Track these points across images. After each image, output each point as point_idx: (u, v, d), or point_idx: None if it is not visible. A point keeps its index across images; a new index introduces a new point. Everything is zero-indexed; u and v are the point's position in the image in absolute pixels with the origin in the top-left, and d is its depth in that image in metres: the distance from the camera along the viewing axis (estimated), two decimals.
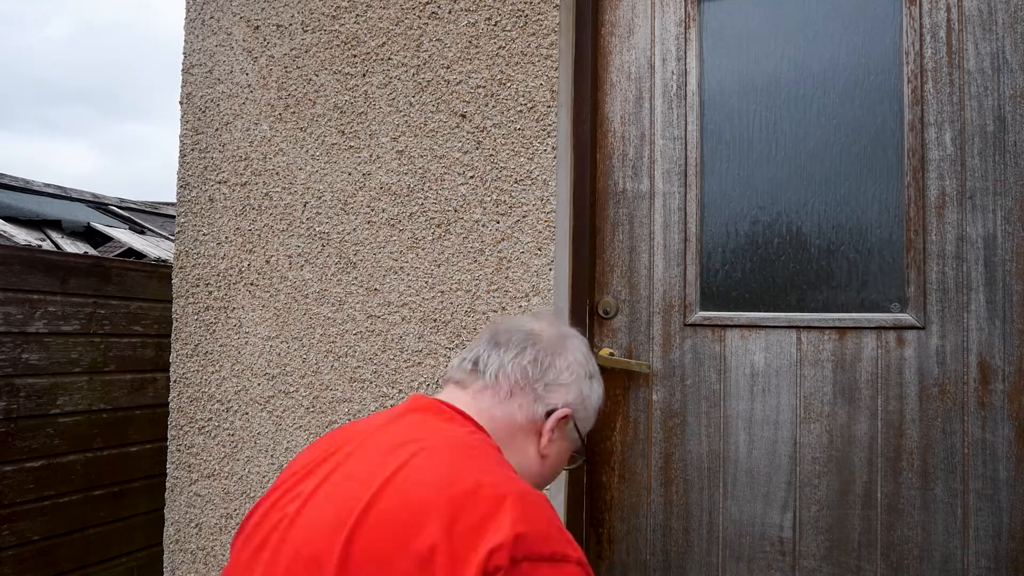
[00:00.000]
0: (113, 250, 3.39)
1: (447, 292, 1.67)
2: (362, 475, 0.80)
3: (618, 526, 1.69)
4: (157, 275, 2.54)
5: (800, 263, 1.60)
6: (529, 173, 1.63)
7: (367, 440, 0.88)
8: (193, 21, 1.95)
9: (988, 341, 1.47)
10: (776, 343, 1.60)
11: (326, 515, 0.78)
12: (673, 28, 1.71)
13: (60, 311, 2.23)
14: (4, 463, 2.09)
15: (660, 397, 1.67)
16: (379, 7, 1.77)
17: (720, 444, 1.63)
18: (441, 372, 1.67)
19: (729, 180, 1.66)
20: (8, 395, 2.09)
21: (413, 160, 1.72)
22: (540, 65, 1.63)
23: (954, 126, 1.50)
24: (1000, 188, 1.47)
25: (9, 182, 3.65)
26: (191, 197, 1.92)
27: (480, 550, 0.70)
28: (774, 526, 1.58)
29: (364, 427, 0.93)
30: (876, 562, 1.52)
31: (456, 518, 0.73)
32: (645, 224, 1.70)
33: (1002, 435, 1.45)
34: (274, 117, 1.85)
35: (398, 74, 1.75)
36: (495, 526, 0.72)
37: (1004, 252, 1.46)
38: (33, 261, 2.17)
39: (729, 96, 1.67)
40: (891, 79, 1.56)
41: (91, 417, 2.33)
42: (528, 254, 1.62)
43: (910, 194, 1.53)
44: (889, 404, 1.52)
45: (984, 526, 1.45)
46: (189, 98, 1.94)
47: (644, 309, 1.69)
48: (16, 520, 2.11)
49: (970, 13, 1.50)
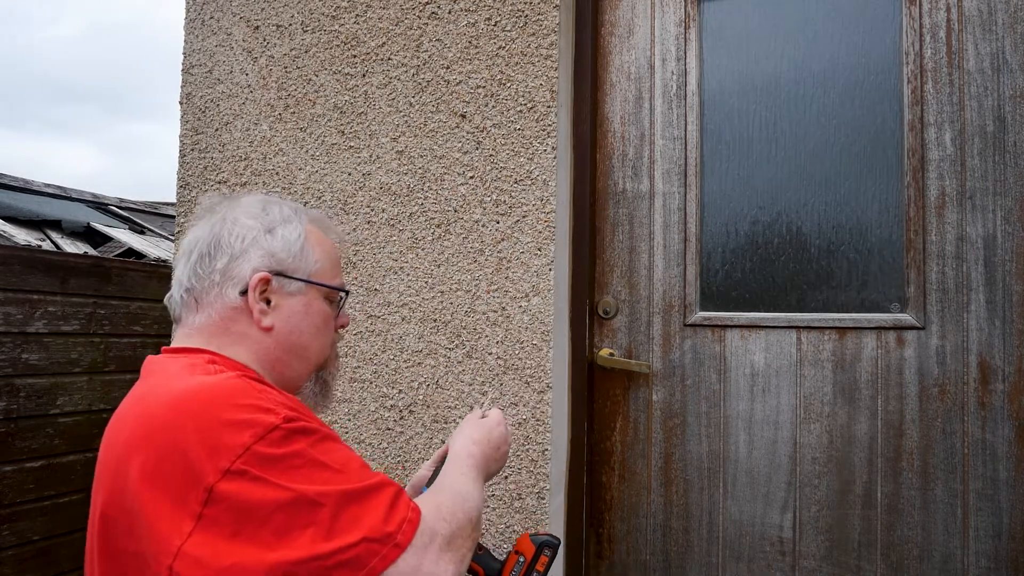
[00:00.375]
0: (113, 250, 3.39)
1: (447, 292, 1.67)
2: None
3: (618, 526, 1.69)
4: (157, 275, 2.54)
5: (800, 263, 1.60)
6: (529, 173, 1.63)
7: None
8: (193, 21, 1.95)
9: (988, 341, 1.46)
10: (776, 343, 1.60)
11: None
12: (673, 28, 1.71)
13: (60, 311, 2.23)
14: (4, 463, 2.08)
15: (660, 397, 1.67)
16: (379, 7, 1.77)
17: (720, 444, 1.63)
18: (441, 372, 1.67)
19: (729, 180, 1.66)
20: (8, 395, 2.09)
21: (413, 160, 1.72)
22: (540, 65, 1.63)
23: (954, 126, 1.50)
24: (1000, 188, 1.47)
25: (9, 182, 3.65)
26: (191, 197, 1.91)
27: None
28: (774, 526, 1.58)
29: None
30: (876, 562, 1.52)
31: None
32: (645, 224, 1.70)
33: (1002, 435, 1.45)
34: (274, 117, 1.85)
35: (398, 74, 1.75)
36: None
37: (1004, 252, 1.46)
38: (33, 261, 2.17)
39: (729, 96, 1.67)
40: (891, 79, 1.56)
41: (91, 417, 2.33)
42: (528, 254, 1.62)
43: (910, 194, 1.53)
44: (889, 404, 1.52)
45: (984, 526, 1.45)
46: (189, 98, 1.94)
47: (644, 309, 1.69)
48: (16, 520, 2.11)
49: (970, 13, 1.50)
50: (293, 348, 0.97)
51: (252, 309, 0.94)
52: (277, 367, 0.97)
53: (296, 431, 0.79)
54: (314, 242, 1.01)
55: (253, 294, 0.94)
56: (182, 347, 0.95)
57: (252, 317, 0.94)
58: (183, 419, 0.78)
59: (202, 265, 0.96)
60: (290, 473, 0.76)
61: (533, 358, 1.60)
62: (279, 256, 0.97)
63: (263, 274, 0.94)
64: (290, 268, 0.97)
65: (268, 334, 0.95)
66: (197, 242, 0.97)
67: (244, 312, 0.94)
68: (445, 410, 1.66)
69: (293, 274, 0.97)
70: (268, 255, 0.96)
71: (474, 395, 1.64)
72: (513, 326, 1.62)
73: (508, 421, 1.61)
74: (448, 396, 1.66)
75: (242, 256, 0.95)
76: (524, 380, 1.60)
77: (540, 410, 1.59)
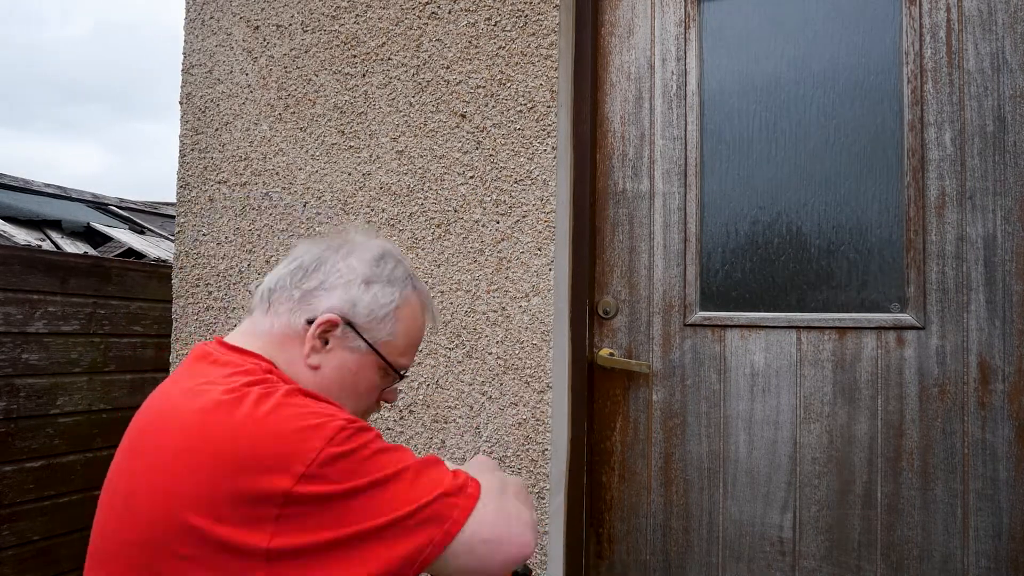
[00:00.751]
0: (113, 250, 3.39)
1: (447, 292, 1.67)
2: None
3: (618, 526, 1.69)
4: (157, 275, 2.54)
5: (800, 263, 1.60)
6: (529, 173, 1.63)
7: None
8: (193, 21, 1.95)
9: (988, 341, 1.46)
10: (776, 343, 1.60)
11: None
12: (673, 28, 1.71)
13: (60, 311, 2.23)
14: (4, 463, 2.09)
15: (660, 397, 1.67)
16: (379, 7, 1.77)
17: (720, 444, 1.63)
18: (441, 372, 1.67)
19: (729, 180, 1.66)
20: (8, 395, 2.09)
21: (413, 160, 1.72)
22: (540, 65, 1.63)
23: (954, 126, 1.50)
24: (1000, 188, 1.47)
25: (9, 182, 3.65)
26: (191, 197, 1.92)
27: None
28: (774, 526, 1.58)
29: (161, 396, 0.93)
30: (876, 562, 1.52)
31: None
32: (645, 224, 1.70)
33: (1002, 435, 1.45)
34: (274, 117, 1.85)
35: (398, 74, 1.75)
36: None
37: (1004, 252, 1.46)
38: (33, 261, 2.17)
39: (729, 96, 1.67)
40: (891, 79, 1.56)
41: (91, 417, 2.33)
42: (528, 254, 1.62)
43: (910, 194, 1.53)
44: (889, 404, 1.52)
45: (984, 526, 1.45)
46: (189, 98, 1.94)
47: (644, 309, 1.69)
48: (16, 520, 2.11)
49: (970, 13, 1.50)
50: (342, 396, 0.98)
51: (307, 342, 0.94)
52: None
53: (360, 429, 0.83)
54: (404, 316, 1.00)
55: (315, 329, 0.94)
56: (243, 348, 0.95)
57: (303, 349, 0.95)
58: (242, 436, 0.79)
59: (294, 276, 0.97)
60: (362, 464, 0.80)
61: (533, 358, 1.60)
62: (360, 310, 0.96)
63: (332, 316, 0.94)
64: (363, 326, 0.97)
65: (313, 372, 0.96)
66: (306, 254, 0.99)
67: (300, 341, 0.95)
68: (445, 410, 1.66)
69: (362, 332, 0.97)
70: (351, 303, 0.96)
71: (474, 395, 1.64)
72: (513, 326, 1.62)
73: (510, 421, 1.61)
74: (448, 396, 1.66)
75: (329, 290, 0.96)
76: (524, 380, 1.60)
77: (540, 410, 1.59)
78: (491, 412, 1.63)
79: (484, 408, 1.63)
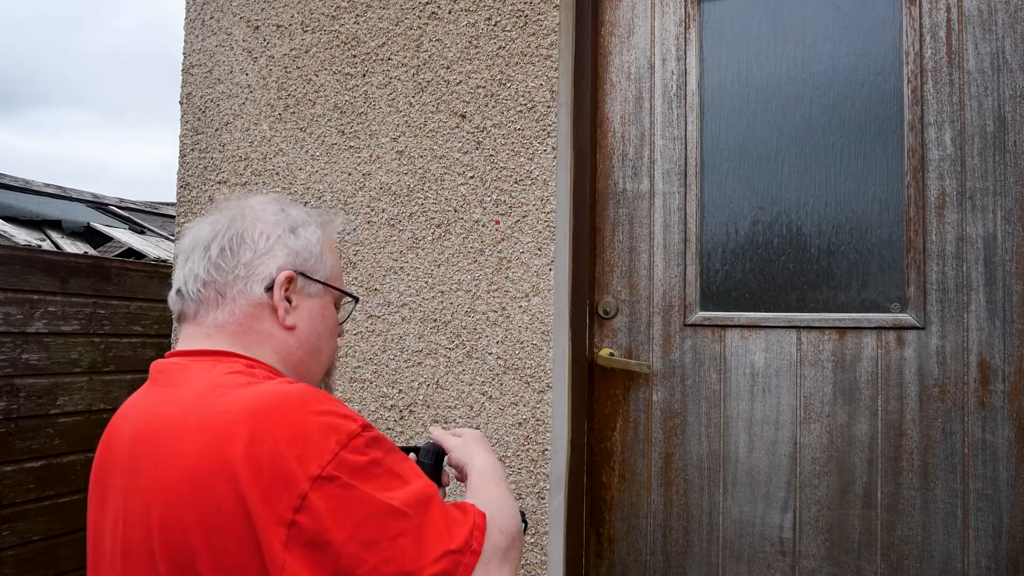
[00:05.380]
0: (113, 250, 3.39)
1: (447, 292, 1.67)
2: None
3: (618, 526, 1.69)
4: (157, 275, 2.54)
5: (800, 263, 1.60)
6: (529, 173, 1.63)
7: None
8: (193, 21, 1.95)
9: (988, 341, 1.47)
10: (776, 343, 1.60)
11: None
12: (673, 28, 1.71)
13: (60, 311, 2.23)
14: (4, 463, 2.09)
15: (660, 397, 1.67)
16: (379, 7, 1.77)
17: (720, 444, 1.63)
18: (442, 372, 1.67)
19: (729, 180, 1.66)
20: (8, 395, 2.09)
21: (413, 160, 1.72)
22: (540, 65, 1.63)
23: (954, 126, 1.50)
24: (1000, 188, 1.47)
25: (9, 182, 3.65)
26: (191, 197, 1.92)
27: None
28: (774, 526, 1.58)
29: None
30: (876, 562, 1.52)
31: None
32: (645, 224, 1.70)
33: (1002, 435, 1.45)
34: (274, 117, 1.85)
35: (398, 74, 1.75)
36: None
37: (1004, 252, 1.46)
38: (33, 261, 2.17)
39: (729, 96, 1.67)
40: (891, 79, 1.56)
41: (91, 417, 2.33)
42: (528, 254, 1.62)
43: (910, 194, 1.53)
44: (889, 404, 1.52)
45: (984, 526, 1.45)
46: (189, 98, 1.94)
47: (644, 309, 1.69)
48: (16, 520, 2.11)
49: (970, 13, 1.50)
50: (312, 350, 0.98)
51: (277, 307, 0.94)
52: (299, 369, 0.97)
53: (373, 439, 0.80)
54: (327, 244, 1.02)
55: (279, 291, 0.94)
56: (206, 350, 0.92)
57: (275, 315, 0.94)
58: (268, 426, 0.76)
59: (224, 258, 0.94)
60: (372, 482, 0.76)
61: (533, 358, 1.60)
62: (302, 256, 0.97)
63: (289, 272, 0.95)
64: (311, 269, 0.98)
65: (291, 334, 0.95)
66: (215, 236, 0.96)
67: (267, 310, 0.94)
68: (445, 410, 1.66)
69: (313, 275, 0.98)
70: (293, 254, 0.96)
71: (474, 395, 1.64)
72: (513, 326, 1.62)
73: (508, 421, 1.61)
74: (448, 396, 1.66)
75: (268, 253, 0.95)
76: (524, 380, 1.60)
77: (540, 410, 1.59)
78: (491, 412, 1.63)
79: (484, 408, 1.63)
